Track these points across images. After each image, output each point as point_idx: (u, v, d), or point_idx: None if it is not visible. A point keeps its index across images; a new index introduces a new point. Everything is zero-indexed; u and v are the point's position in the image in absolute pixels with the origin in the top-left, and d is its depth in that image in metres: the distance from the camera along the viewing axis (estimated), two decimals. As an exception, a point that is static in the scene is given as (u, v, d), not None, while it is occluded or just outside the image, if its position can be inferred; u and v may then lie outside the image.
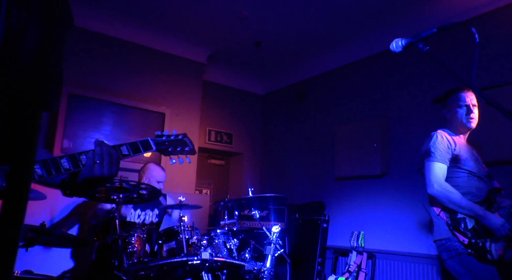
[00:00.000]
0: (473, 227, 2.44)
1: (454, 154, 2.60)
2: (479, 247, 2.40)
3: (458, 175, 2.60)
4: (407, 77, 4.36)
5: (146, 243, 2.84)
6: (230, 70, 6.02)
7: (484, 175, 2.66)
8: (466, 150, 2.67)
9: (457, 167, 2.60)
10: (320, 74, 5.44)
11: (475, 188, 2.56)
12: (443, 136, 2.62)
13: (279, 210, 4.53)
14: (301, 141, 5.54)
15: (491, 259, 2.39)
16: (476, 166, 2.65)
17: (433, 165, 2.56)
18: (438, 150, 2.57)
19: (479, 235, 2.42)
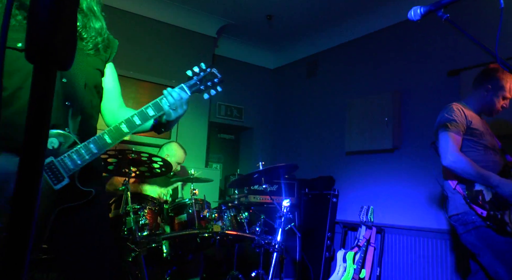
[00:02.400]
0: (491, 199, 2.40)
1: (470, 128, 2.55)
2: (498, 219, 2.36)
3: (474, 149, 2.56)
4: (420, 51, 4.25)
5: (158, 216, 2.87)
6: (241, 44, 5.93)
7: (499, 149, 2.64)
8: (481, 124, 2.63)
9: (473, 141, 2.55)
10: (332, 47, 5.34)
11: (491, 161, 2.53)
12: (459, 109, 2.56)
13: (289, 185, 4.54)
14: (312, 116, 5.49)
15: (511, 231, 2.37)
16: (492, 140, 2.62)
17: (448, 136, 2.50)
18: (453, 121, 2.52)
19: (497, 207, 2.38)
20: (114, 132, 1.45)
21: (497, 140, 2.70)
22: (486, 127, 2.67)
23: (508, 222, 2.38)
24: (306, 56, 5.74)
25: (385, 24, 4.63)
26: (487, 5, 3.65)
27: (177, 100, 1.53)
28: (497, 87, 2.60)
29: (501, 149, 2.70)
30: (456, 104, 2.62)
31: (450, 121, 2.53)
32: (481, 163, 2.49)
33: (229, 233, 2.79)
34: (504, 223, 2.37)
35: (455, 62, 3.88)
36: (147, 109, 1.51)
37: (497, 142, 2.69)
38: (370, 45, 4.82)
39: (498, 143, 2.69)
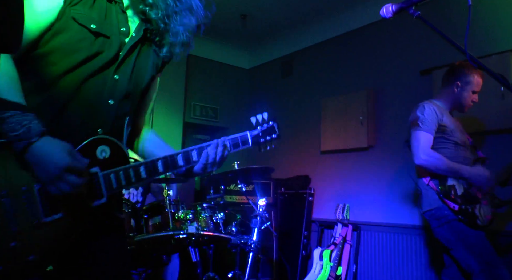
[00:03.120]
0: (463, 193, 2.48)
1: (441, 125, 2.63)
2: (469, 213, 2.44)
3: (446, 146, 2.64)
4: (393, 50, 4.31)
5: (131, 218, 2.81)
6: (215, 44, 5.89)
7: (469, 146, 2.72)
8: (452, 121, 2.72)
9: (444, 138, 2.64)
10: (307, 47, 5.36)
11: (462, 157, 2.61)
12: (431, 107, 2.63)
13: (265, 185, 4.53)
14: (287, 115, 5.50)
15: (481, 225, 2.44)
16: (462, 136, 2.70)
17: (420, 134, 2.59)
18: (425, 120, 2.60)
19: (469, 201, 2.46)
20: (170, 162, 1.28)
21: (468, 136, 2.78)
22: (457, 124, 2.75)
23: (479, 215, 2.45)
24: (281, 56, 5.75)
25: (359, 24, 4.68)
26: (456, 4, 3.74)
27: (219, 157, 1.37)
28: (465, 82, 2.69)
29: (472, 145, 2.78)
30: (427, 103, 2.69)
31: (422, 119, 2.60)
32: (453, 159, 2.57)
33: (205, 234, 2.76)
34: (475, 217, 2.44)
35: (427, 61, 3.95)
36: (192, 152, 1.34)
37: (468, 138, 2.77)
38: (345, 44, 4.87)
39: (469, 139, 2.77)
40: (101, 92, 1.24)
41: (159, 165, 1.25)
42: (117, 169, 1.21)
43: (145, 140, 1.47)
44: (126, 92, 1.29)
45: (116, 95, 1.26)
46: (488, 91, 3.35)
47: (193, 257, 3.33)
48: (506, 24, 3.47)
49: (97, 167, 1.19)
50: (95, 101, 1.23)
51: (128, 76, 1.29)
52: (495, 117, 3.34)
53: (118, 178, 1.20)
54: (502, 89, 3.27)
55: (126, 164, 1.23)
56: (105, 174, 1.19)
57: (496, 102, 3.33)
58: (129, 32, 1.32)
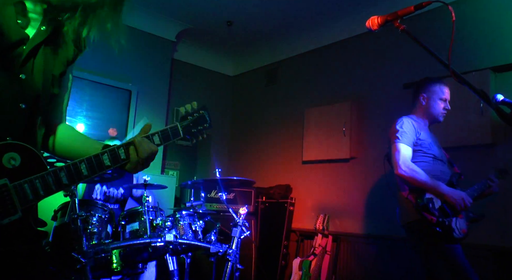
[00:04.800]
0: (440, 206, 2.52)
1: (419, 139, 2.68)
2: (446, 226, 2.47)
3: (423, 160, 2.69)
4: (378, 63, 4.37)
5: (108, 224, 2.74)
6: (201, 50, 5.87)
7: (446, 160, 2.77)
8: (429, 135, 2.77)
9: (422, 152, 2.68)
10: (292, 56, 5.39)
11: (439, 171, 2.66)
12: (409, 121, 2.70)
13: (246, 193, 4.50)
14: (270, 124, 5.49)
15: (457, 237, 2.47)
16: (439, 151, 2.75)
17: (400, 146, 2.64)
18: (404, 133, 2.65)
19: (446, 214, 2.50)
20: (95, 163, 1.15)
21: (444, 151, 2.84)
22: (434, 139, 2.81)
23: (455, 228, 2.48)
24: (266, 65, 5.76)
25: (344, 35, 4.73)
26: (440, 20, 3.80)
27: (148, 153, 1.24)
28: (430, 93, 2.78)
29: (449, 160, 2.83)
30: (406, 117, 2.75)
31: (401, 132, 2.66)
32: (430, 172, 2.60)
33: (183, 242, 2.70)
34: (451, 229, 2.47)
35: (411, 74, 4.01)
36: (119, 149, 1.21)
37: (444, 153, 2.82)
38: (329, 55, 4.90)
39: (445, 154, 2.83)
40: (8, 94, 1.08)
41: (83, 168, 1.13)
42: (32, 178, 1.06)
43: (62, 138, 1.32)
44: (36, 92, 1.14)
45: (27, 97, 1.11)
46: (469, 107, 3.42)
47: (170, 265, 3.26)
48: (485, 42, 3.55)
49: (4, 179, 1.03)
50: (2, 105, 1.08)
51: (37, 73, 1.14)
52: (475, 132, 3.39)
53: (34, 188, 1.05)
54: (482, 105, 3.33)
55: (42, 171, 1.08)
56: (17, 185, 1.04)
57: (475, 118, 3.39)
58: (28, 23, 1.15)
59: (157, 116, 5.23)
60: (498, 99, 1.52)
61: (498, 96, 1.52)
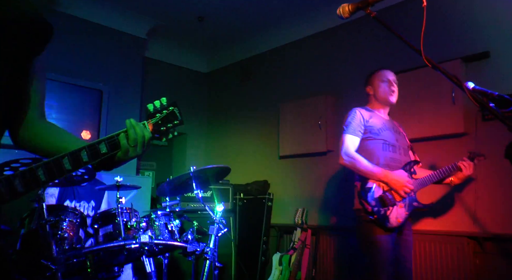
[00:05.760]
0: (380, 196, 2.61)
1: (367, 126, 2.81)
2: (381, 215, 2.57)
3: (373, 144, 2.79)
4: (353, 55, 4.38)
5: (80, 228, 2.63)
6: (173, 47, 5.76)
7: (403, 147, 2.86)
8: (382, 122, 2.87)
9: (372, 138, 2.79)
10: (266, 51, 5.35)
11: (389, 158, 2.76)
12: (357, 112, 2.84)
13: (224, 191, 4.45)
14: (246, 120, 5.45)
15: (390, 227, 2.57)
16: (394, 136, 2.84)
17: (345, 137, 2.80)
18: (350, 124, 2.80)
19: (383, 203, 2.59)
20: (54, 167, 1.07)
21: (405, 139, 2.94)
22: (393, 125, 2.90)
23: (389, 217, 2.57)
24: (240, 60, 5.70)
25: (318, 28, 4.72)
26: (411, 10, 3.83)
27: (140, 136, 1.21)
28: (372, 80, 2.95)
29: (410, 147, 2.94)
30: (356, 108, 2.89)
31: (347, 123, 2.83)
32: (379, 158, 2.73)
33: (159, 243, 2.63)
34: (385, 218, 2.56)
35: (386, 66, 4.01)
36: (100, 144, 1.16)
37: (405, 141, 2.92)
38: (304, 49, 4.89)
39: (405, 142, 2.92)
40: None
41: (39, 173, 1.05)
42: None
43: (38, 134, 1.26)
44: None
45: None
46: (441, 97, 3.46)
47: (147, 267, 3.18)
48: (456, 32, 3.60)
49: None
50: None
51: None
52: (447, 121, 3.44)
53: None
54: (453, 95, 3.37)
55: None
56: None
57: (447, 107, 3.43)
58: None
59: (130, 116, 5.07)
60: (469, 87, 1.52)
61: (469, 84, 1.52)
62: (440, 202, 3.51)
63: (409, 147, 2.92)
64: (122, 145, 1.19)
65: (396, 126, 2.96)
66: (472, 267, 3.20)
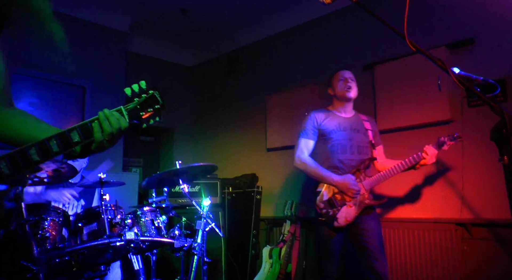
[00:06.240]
0: (329, 198, 2.81)
1: (321, 129, 2.96)
2: (329, 216, 2.77)
3: (323, 148, 2.95)
4: (337, 45, 4.34)
5: (63, 227, 2.58)
6: (157, 41, 5.66)
7: (358, 146, 2.96)
8: (338, 122, 2.98)
9: (324, 140, 2.95)
10: (252, 43, 5.29)
11: (337, 160, 2.91)
12: (312, 115, 3.00)
13: (212, 185, 4.39)
14: (233, 113, 5.40)
15: (338, 226, 2.77)
16: (348, 136, 2.94)
17: (299, 141, 3.00)
18: (304, 128, 2.99)
19: (332, 205, 2.79)
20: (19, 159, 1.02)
21: (368, 135, 3.02)
22: (347, 125, 2.98)
23: (338, 218, 2.75)
24: (225, 53, 5.63)
25: (303, 19, 4.67)
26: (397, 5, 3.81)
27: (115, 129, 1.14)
28: (330, 81, 3.09)
29: (370, 143, 3.02)
30: (313, 111, 3.05)
31: (302, 128, 3.02)
32: (328, 160, 2.90)
33: (145, 240, 2.59)
34: (334, 219, 2.75)
35: (370, 56, 4.01)
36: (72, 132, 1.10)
37: (364, 138, 3.00)
38: (289, 40, 4.84)
39: (366, 138, 3.01)
40: None
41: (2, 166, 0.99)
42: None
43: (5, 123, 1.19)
44: None
45: None
46: (427, 85, 3.45)
47: (135, 264, 3.14)
48: (439, 19, 3.58)
49: None
50: None
51: None
52: (434, 109, 3.43)
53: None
54: (439, 82, 3.36)
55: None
56: None
57: (434, 95, 3.42)
58: None
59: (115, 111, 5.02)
60: (455, 72, 1.51)
61: (455, 69, 1.50)
62: (428, 190, 3.51)
63: (369, 143, 3.02)
64: (97, 138, 1.13)
65: (360, 122, 3.05)
66: (460, 253, 3.21)
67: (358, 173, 2.86)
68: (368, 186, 2.85)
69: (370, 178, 2.86)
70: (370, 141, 3.02)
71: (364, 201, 2.82)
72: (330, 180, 2.80)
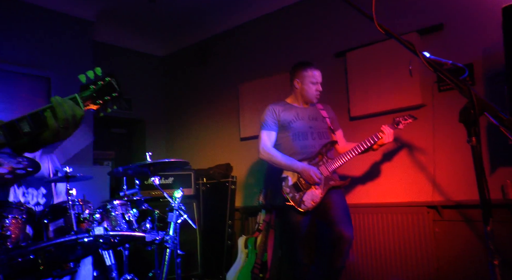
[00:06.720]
0: (294, 182, 2.93)
1: (279, 121, 3.09)
2: (296, 200, 2.89)
3: (285, 137, 3.07)
4: (309, 33, 4.31)
5: (27, 225, 2.46)
6: (124, 30, 5.48)
7: (318, 132, 3.10)
8: (296, 113, 3.10)
9: (284, 131, 3.09)
10: (223, 32, 5.19)
11: (299, 147, 3.04)
12: (270, 108, 3.12)
13: (185, 176, 4.32)
14: (206, 103, 5.31)
15: (305, 210, 2.88)
16: (307, 125, 3.07)
17: (261, 133, 3.09)
18: (265, 120, 3.10)
19: (298, 189, 2.92)
20: None
21: (326, 122, 3.15)
22: (304, 115, 3.11)
23: (304, 201, 2.88)
24: (197, 42, 5.51)
25: (274, 7, 4.61)
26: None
27: (70, 116, 1.09)
28: (302, 77, 3.12)
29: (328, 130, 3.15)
30: (272, 104, 3.16)
31: (263, 121, 3.11)
32: (290, 150, 3.02)
33: (115, 234, 2.50)
34: (300, 203, 2.88)
35: (341, 43, 3.99)
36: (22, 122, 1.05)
37: (322, 124, 3.13)
38: (261, 28, 4.77)
39: (325, 125, 3.14)
40: None
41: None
42: None
43: None
44: None
45: None
46: (398, 71, 3.46)
47: (107, 260, 3.05)
48: (409, 5, 3.58)
49: None
50: None
51: None
52: (405, 94, 3.44)
53: None
54: (410, 68, 3.37)
55: None
56: None
57: (404, 80, 3.43)
58: None
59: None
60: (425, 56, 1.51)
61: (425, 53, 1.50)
62: (399, 174, 3.54)
63: (328, 129, 3.16)
64: (51, 125, 1.07)
65: (317, 111, 3.17)
66: (432, 235, 3.27)
67: (320, 156, 2.99)
68: (331, 167, 2.98)
69: (333, 160, 2.99)
70: (329, 127, 3.15)
71: (329, 182, 2.95)
72: (295, 167, 2.92)
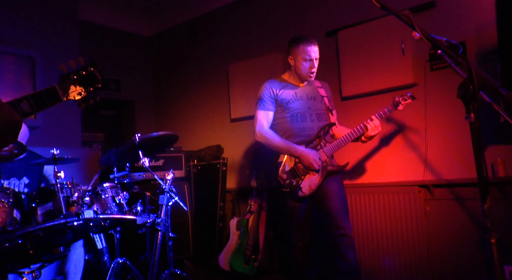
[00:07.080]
0: (291, 168, 2.80)
1: (277, 100, 2.92)
2: (293, 186, 2.78)
3: (283, 118, 2.92)
4: (299, 11, 4.23)
5: (14, 209, 2.41)
6: (111, 8, 5.33)
7: (317, 114, 2.94)
8: (294, 92, 2.94)
9: (282, 111, 2.91)
10: (212, 11, 5.07)
11: (297, 129, 2.89)
12: (267, 85, 2.94)
13: (176, 158, 4.27)
14: (195, 84, 5.23)
15: (302, 195, 2.79)
16: (306, 105, 2.92)
17: (257, 113, 2.92)
18: (262, 99, 2.92)
19: (295, 175, 2.79)
20: None
21: (325, 102, 3.00)
22: (302, 94, 2.95)
23: (302, 187, 2.77)
24: (185, 21, 5.39)
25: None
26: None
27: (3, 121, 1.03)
28: (295, 54, 2.91)
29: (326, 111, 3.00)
30: (269, 81, 2.98)
31: (259, 99, 2.94)
32: (289, 131, 2.87)
33: (105, 217, 2.47)
34: (297, 188, 2.77)
35: (333, 22, 3.92)
36: None
37: (321, 105, 2.98)
38: (251, 7, 4.67)
39: (323, 105, 2.99)
40: None
41: None
42: None
43: None
44: None
45: None
46: (391, 50, 3.42)
47: (98, 243, 3.03)
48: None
49: None
50: None
51: None
52: (397, 73, 3.41)
53: None
54: (402, 47, 3.33)
55: None
56: None
57: (397, 59, 3.40)
58: None
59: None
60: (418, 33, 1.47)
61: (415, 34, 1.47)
62: (392, 154, 3.54)
63: (327, 110, 3.01)
64: None
65: (315, 89, 3.01)
66: (423, 214, 3.29)
67: (318, 140, 2.87)
68: (329, 152, 2.86)
69: (331, 144, 2.86)
70: (327, 107, 3.01)
71: (327, 167, 2.84)
72: (293, 151, 2.78)
